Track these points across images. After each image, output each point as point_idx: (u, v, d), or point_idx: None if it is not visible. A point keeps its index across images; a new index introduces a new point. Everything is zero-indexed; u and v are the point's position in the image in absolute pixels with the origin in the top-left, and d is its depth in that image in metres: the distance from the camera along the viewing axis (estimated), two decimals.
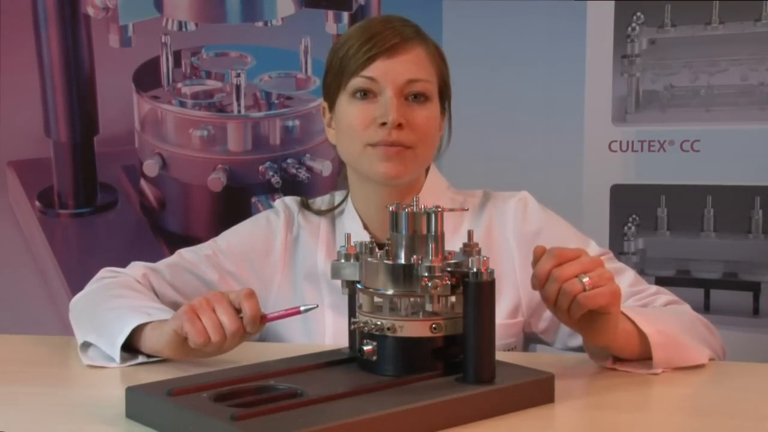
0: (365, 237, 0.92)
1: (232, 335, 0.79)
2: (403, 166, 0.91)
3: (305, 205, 1.02)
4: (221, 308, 0.79)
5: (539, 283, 0.74)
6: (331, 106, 0.96)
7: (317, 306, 0.81)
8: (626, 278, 0.92)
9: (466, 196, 1.00)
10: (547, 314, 0.93)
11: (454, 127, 0.99)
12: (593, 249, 0.93)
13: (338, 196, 1.02)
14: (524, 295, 0.95)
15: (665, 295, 0.91)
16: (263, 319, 0.80)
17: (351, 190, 0.99)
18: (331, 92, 0.95)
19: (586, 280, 0.73)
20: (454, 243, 0.78)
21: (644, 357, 0.80)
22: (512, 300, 0.95)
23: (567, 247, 0.75)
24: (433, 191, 0.97)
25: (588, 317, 0.75)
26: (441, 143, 0.98)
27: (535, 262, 0.74)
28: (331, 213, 1.01)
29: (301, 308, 0.80)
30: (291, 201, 1.03)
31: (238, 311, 0.80)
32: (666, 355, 0.80)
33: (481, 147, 1.56)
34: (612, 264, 0.90)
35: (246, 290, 0.80)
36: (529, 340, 0.99)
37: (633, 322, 0.79)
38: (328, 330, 0.95)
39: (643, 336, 0.79)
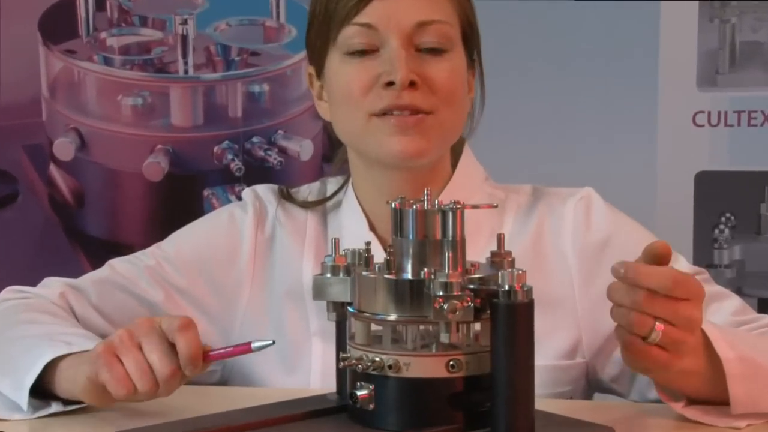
0: (370, 238, 0.93)
1: (165, 381, 0.79)
2: (424, 138, 0.92)
3: (286, 196, 1.04)
4: (150, 344, 0.79)
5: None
6: (319, 71, 0.97)
7: (273, 342, 0.80)
8: (728, 305, 0.92)
9: (509, 192, 1.01)
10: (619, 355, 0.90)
11: (489, 94, 0.99)
12: (682, 266, 0.92)
13: (333, 183, 1.04)
14: (586, 328, 0.96)
15: None
16: (206, 357, 0.81)
17: (353, 176, 1.00)
18: (317, 51, 0.96)
19: (657, 327, 0.73)
20: (486, 251, 0.79)
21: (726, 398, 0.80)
22: (569, 334, 0.95)
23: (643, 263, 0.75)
24: (466, 182, 0.98)
25: None
26: (473, 110, 0.99)
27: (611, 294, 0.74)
28: (322, 206, 1.03)
29: (253, 345, 0.80)
30: (265, 190, 1.04)
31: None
32: (749, 393, 0.79)
33: (522, 128, 1.55)
34: (708, 287, 0.86)
35: (180, 320, 0.80)
36: (595, 387, 0.99)
37: (710, 342, 0.79)
38: (315, 366, 0.97)
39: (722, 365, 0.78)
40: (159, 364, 0.79)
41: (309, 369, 0.97)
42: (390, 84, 0.91)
